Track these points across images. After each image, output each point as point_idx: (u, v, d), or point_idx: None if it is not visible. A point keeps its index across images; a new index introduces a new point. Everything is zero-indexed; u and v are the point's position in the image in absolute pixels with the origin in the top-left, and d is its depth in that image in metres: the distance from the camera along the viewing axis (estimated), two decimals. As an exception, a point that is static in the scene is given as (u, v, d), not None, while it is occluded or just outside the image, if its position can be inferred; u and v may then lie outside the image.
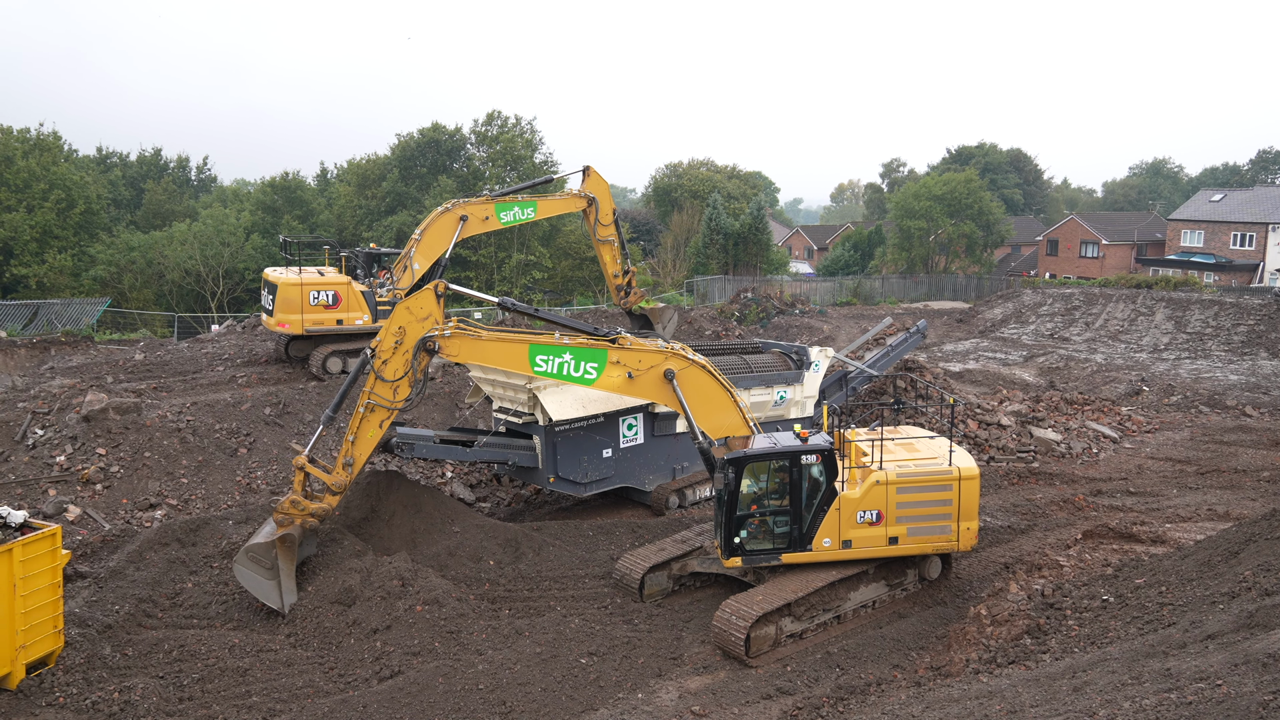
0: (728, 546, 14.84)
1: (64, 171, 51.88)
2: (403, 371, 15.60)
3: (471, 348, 15.77)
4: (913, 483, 15.10)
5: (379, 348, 15.52)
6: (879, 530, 15.09)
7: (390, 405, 15.67)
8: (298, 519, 15.56)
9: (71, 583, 15.44)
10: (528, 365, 15.73)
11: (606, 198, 28.70)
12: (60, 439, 21.02)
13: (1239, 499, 20.77)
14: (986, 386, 35.34)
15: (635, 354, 15.82)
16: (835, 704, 12.39)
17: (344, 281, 26.66)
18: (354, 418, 15.76)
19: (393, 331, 15.49)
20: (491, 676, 13.19)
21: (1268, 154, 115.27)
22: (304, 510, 15.56)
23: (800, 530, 14.90)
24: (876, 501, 14.97)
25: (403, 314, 15.53)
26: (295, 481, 15.68)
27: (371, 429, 15.73)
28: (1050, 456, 25.04)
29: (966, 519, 15.33)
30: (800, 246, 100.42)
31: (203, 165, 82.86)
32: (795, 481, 14.75)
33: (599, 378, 15.90)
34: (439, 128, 59.91)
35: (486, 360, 16.00)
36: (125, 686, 12.73)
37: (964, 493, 15.22)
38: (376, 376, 15.52)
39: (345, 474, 15.73)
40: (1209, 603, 10.88)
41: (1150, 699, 7.96)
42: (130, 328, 42.66)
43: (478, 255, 54.69)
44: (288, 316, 26.00)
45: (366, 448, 15.84)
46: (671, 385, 15.94)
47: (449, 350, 15.69)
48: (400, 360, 15.56)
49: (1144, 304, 51.75)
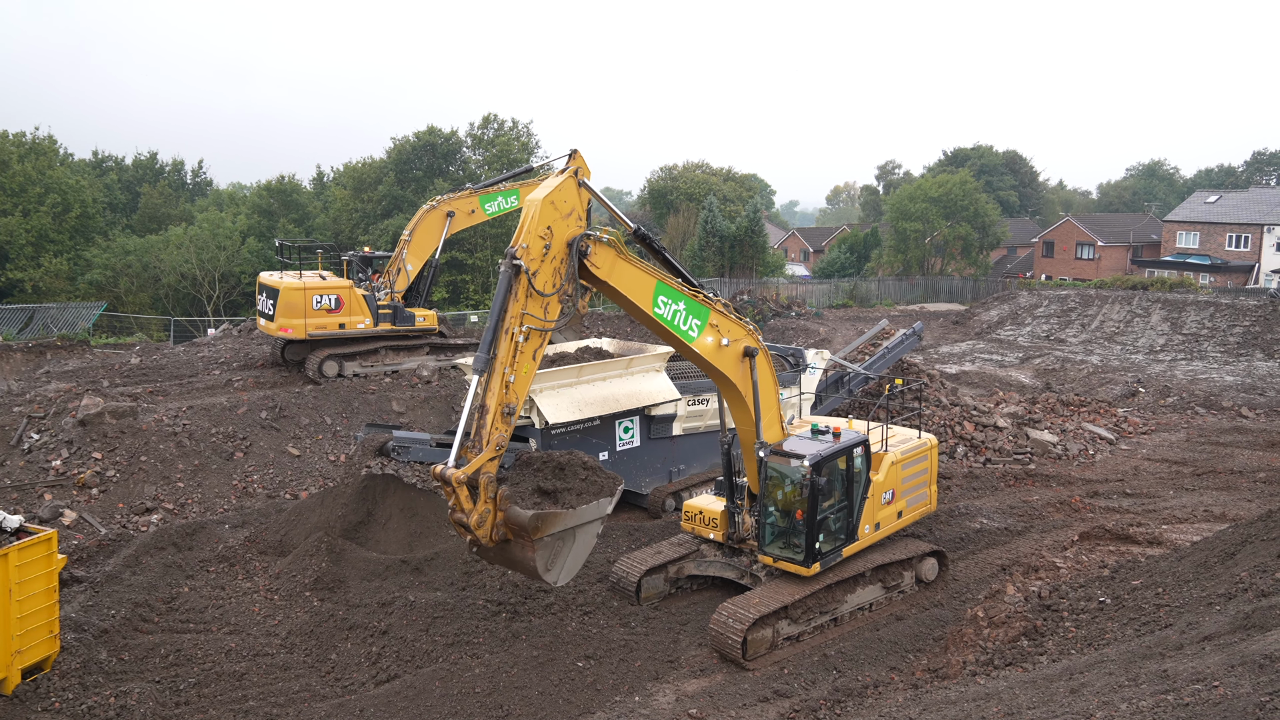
0: (810, 554, 14.49)
1: (60, 175, 51.90)
2: (554, 284, 12.64)
3: (613, 264, 13.21)
4: (910, 458, 16.37)
5: (525, 255, 12.25)
6: (895, 507, 16.08)
7: (544, 325, 12.60)
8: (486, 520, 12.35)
9: (67, 587, 15.39)
10: (650, 301, 13.70)
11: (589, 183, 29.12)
12: (56, 443, 20.99)
13: (1235, 500, 20.80)
14: (983, 388, 35.38)
15: (728, 322, 14.56)
16: (832, 706, 12.39)
17: (346, 285, 26.66)
18: (503, 351, 12.24)
19: (538, 233, 12.40)
20: (488, 680, 13.17)
21: (1262, 155, 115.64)
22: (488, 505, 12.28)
23: (853, 521, 15.21)
24: (893, 481, 15.89)
25: (548, 210, 12.47)
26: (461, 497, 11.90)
27: (527, 362, 12.53)
28: (1047, 458, 25.06)
29: (933, 484, 17.17)
30: (796, 249, 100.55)
31: (198, 169, 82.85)
32: (850, 475, 15.02)
33: (698, 337, 14.23)
34: (435, 131, 59.93)
35: (619, 283, 13.43)
36: (121, 691, 12.70)
37: (932, 461, 17.08)
38: (529, 289, 12.25)
39: (506, 425, 12.32)
40: (1205, 604, 10.90)
41: (1147, 700, 7.97)
42: (126, 332, 42.63)
43: (474, 259, 54.71)
44: (290, 321, 25.85)
45: (525, 385, 12.69)
46: (749, 365, 14.76)
47: (596, 258, 12.90)
48: (550, 269, 12.55)
49: (1140, 305, 51.84)
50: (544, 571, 12.43)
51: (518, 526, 12.03)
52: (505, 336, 12.16)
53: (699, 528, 16.06)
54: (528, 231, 12.34)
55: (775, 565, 14.89)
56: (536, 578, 12.53)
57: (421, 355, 28.45)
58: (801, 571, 14.59)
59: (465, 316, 47.10)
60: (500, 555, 12.73)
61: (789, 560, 14.67)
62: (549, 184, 12.78)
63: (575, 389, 19.41)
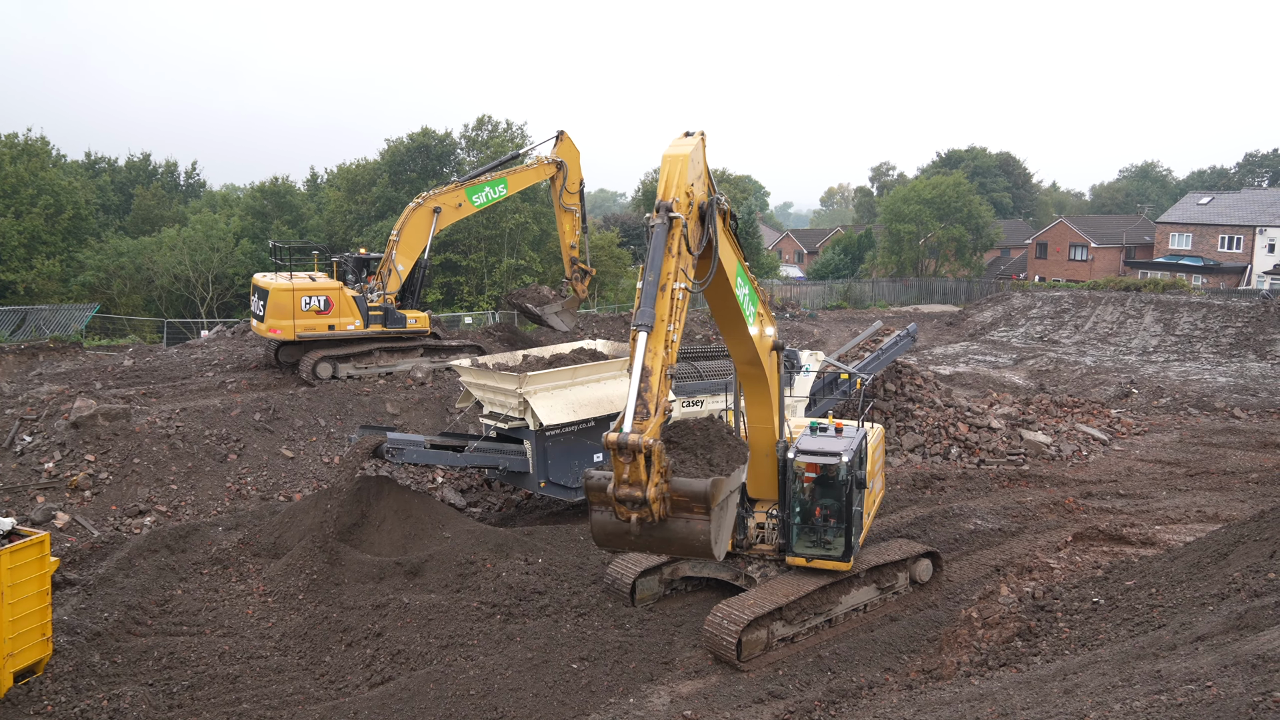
0: (849, 548, 14.71)
1: (52, 177, 51.72)
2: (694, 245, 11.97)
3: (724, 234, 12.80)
4: (879, 444, 17.05)
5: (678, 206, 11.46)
6: (878, 492, 16.92)
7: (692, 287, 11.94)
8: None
9: (60, 590, 15.34)
10: (734, 279, 13.46)
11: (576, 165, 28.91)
12: (49, 445, 20.92)
13: (1228, 500, 20.86)
14: (976, 390, 35.45)
15: (768, 314, 14.73)
16: (827, 708, 12.40)
17: (336, 287, 26.62)
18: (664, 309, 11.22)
19: (685, 189, 11.73)
20: (483, 682, 13.16)
21: (1254, 157, 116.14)
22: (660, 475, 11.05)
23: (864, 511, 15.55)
24: (874, 469, 16.38)
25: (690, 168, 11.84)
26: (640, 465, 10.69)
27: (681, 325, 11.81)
28: (1040, 459, 25.12)
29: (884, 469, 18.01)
30: (790, 250, 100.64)
31: (192, 170, 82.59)
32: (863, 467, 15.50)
33: (753, 322, 14.22)
34: (429, 132, 59.84)
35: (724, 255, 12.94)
36: (114, 694, 12.66)
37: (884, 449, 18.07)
38: (684, 244, 11.49)
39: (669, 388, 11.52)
40: (1198, 604, 10.93)
41: (1140, 701, 7.98)
42: (119, 333, 42.53)
43: (468, 260, 54.65)
44: (279, 322, 25.88)
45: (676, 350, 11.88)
46: (776, 360, 14.74)
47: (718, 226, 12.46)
48: (692, 228, 11.90)
49: (1133, 306, 51.99)
50: (714, 544, 11.39)
51: (690, 495, 11.01)
52: (664, 294, 11.23)
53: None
54: (676, 187, 11.60)
55: (809, 565, 14.87)
56: (703, 553, 11.44)
57: (416, 357, 28.42)
58: (841, 567, 14.75)
59: (460, 318, 47.07)
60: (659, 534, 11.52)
61: (824, 558, 14.75)
62: (686, 143, 12.08)
63: (570, 390, 19.41)
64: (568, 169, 28.74)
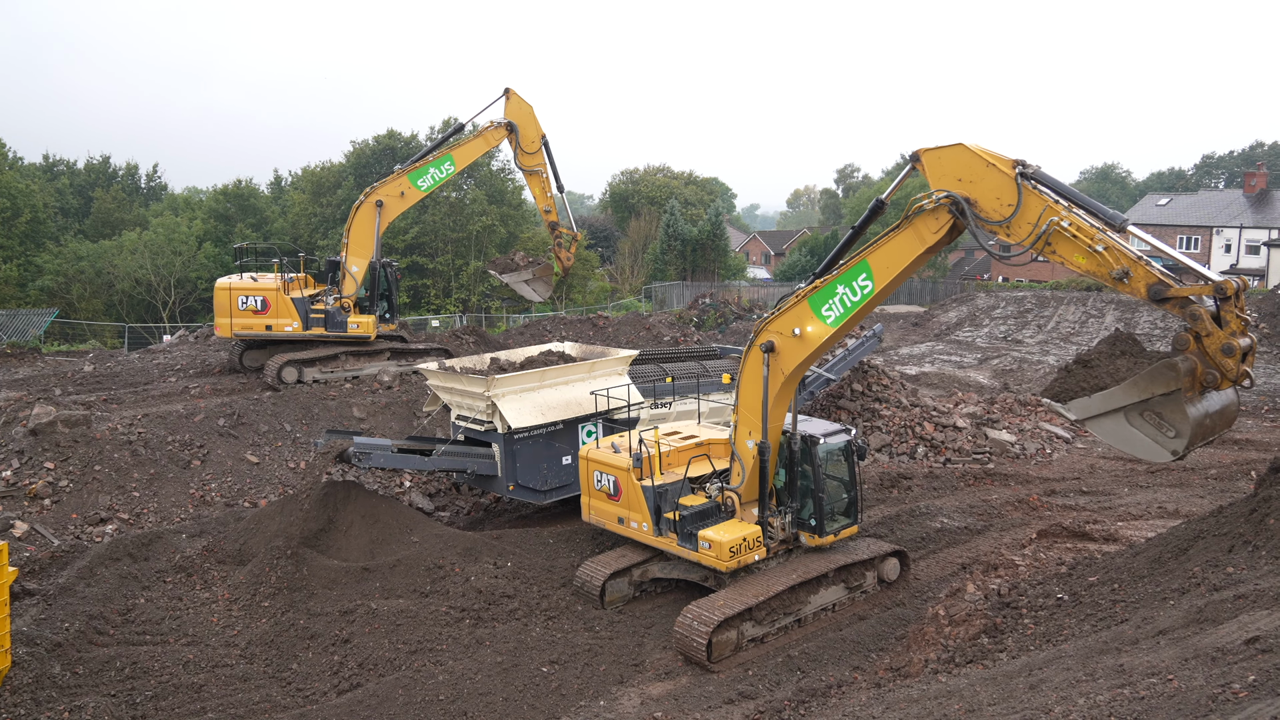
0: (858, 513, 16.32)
1: (9, 180, 50.88)
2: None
3: None
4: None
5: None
6: None
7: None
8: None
9: (19, 600, 15.05)
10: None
11: (530, 121, 26.75)
12: (6, 453, 20.53)
13: (1188, 497, 21.19)
14: (942, 389, 35.78)
15: None
16: (797, 707, 12.45)
17: (274, 288, 26.24)
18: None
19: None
20: (452, 687, 13.08)
21: (1211, 159, 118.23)
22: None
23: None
24: None
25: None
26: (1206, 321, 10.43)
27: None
28: (1005, 458, 25.38)
29: None
30: (757, 252, 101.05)
31: (153, 173, 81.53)
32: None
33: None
34: (394, 134, 59.52)
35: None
36: (76, 706, 12.45)
37: None
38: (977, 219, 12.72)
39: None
40: (1160, 599, 11.08)
41: (1104, 695, 8.09)
42: (79, 339, 41.86)
43: (435, 263, 54.35)
44: (220, 320, 26.38)
45: None
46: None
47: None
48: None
49: (1094, 306, 52.73)
50: None
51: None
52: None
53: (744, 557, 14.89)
54: (942, 181, 13.18)
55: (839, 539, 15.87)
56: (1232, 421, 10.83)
57: (382, 361, 28.16)
58: (853, 531, 16.06)
59: (427, 321, 46.78)
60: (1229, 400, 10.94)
61: (848, 526, 15.95)
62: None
63: (538, 393, 19.36)
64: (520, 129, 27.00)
